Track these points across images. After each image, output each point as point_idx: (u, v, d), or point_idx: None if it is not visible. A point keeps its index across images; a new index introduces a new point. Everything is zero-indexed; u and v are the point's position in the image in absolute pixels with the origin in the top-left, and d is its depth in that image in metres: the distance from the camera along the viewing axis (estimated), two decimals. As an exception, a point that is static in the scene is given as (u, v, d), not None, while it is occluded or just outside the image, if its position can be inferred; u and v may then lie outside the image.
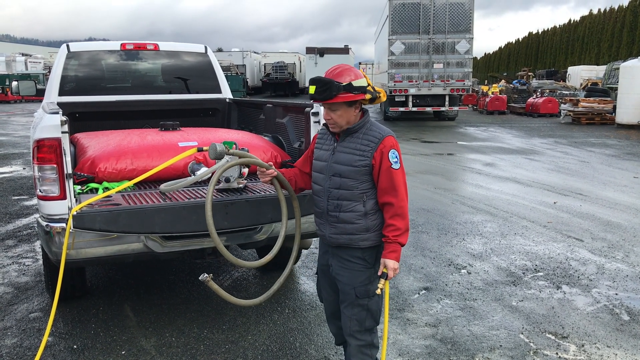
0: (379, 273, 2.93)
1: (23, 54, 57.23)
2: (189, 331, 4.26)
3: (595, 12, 74.22)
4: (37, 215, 3.88)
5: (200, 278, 3.08)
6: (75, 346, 4.02)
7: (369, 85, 2.91)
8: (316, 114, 4.27)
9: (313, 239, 4.61)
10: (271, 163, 3.35)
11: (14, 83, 7.03)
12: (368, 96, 2.91)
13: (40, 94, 6.75)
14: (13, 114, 28.78)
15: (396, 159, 2.92)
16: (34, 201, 8.22)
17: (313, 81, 2.92)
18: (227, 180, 4.04)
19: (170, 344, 4.06)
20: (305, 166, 3.29)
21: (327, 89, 2.85)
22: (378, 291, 2.90)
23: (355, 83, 2.86)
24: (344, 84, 2.84)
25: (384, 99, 3.02)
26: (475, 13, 21.00)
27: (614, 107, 22.34)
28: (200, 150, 4.01)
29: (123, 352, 3.94)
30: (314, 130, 4.23)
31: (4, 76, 42.20)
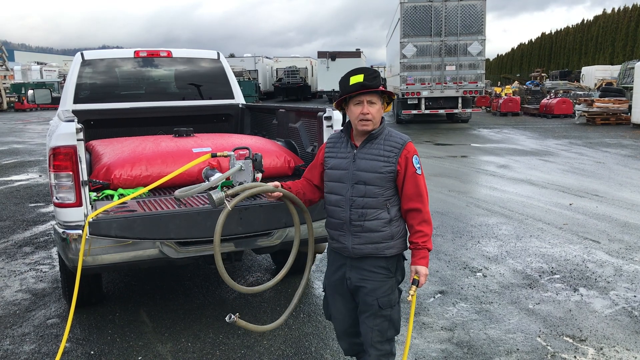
0: (410, 280, 2.91)
1: (38, 63, 57.95)
2: (205, 336, 4.27)
3: (609, 11, 73.59)
4: (53, 222, 3.92)
5: (227, 320, 3.02)
6: (92, 352, 4.05)
7: None
8: (329, 118, 4.27)
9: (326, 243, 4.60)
10: (277, 183, 3.19)
11: (30, 91, 7.11)
12: (394, 96, 2.93)
13: (55, 102, 6.82)
14: (29, 122, 29.13)
15: (419, 165, 2.93)
16: (50, 208, 8.30)
17: (359, 70, 2.89)
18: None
19: (186, 349, 4.07)
20: (313, 178, 3.21)
21: (377, 77, 2.86)
22: (409, 297, 2.88)
23: None
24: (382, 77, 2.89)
25: (391, 106, 3.05)
26: (489, 14, 20.99)
27: (630, 107, 22.10)
28: (214, 156, 4.03)
29: (140, 358, 3.96)
30: (327, 134, 4.23)
31: (19, 85, 42.78)
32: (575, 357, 3.89)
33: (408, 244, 2.98)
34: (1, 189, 10.52)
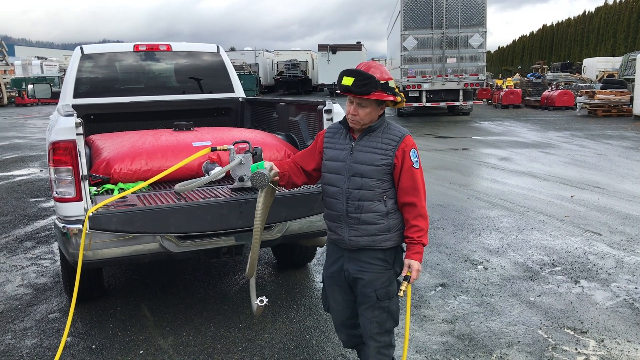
0: (403, 274, 2.88)
1: (39, 57, 57.88)
2: (206, 330, 4.28)
3: (610, 2, 73.31)
4: (54, 217, 3.92)
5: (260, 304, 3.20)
6: (93, 346, 4.06)
7: (395, 87, 2.87)
8: (329, 111, 4.25)
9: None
10: (271, 163, 3.13)
11: (30, 86, 7.10)
12: (398, 99, 2.86)
13: (55, 97, 6.81)
14: (30, 116, 29.13)
15: (416, 159, 2.90)
16: (51, 203, 8.30)
17: (351, 72, 2.79)
18: (241, 179, 4.05)
19: (188, 343, 4.08)
20: (307, 163, 3.15)
21: (367, 84, 2.75)
22: (401, 293, 2.84)
23: (390, 83, 2.81)
24: (382, 81, 2.77)
25: (404, 103, 2.98)
26: (491, 7, 21.22)
27: (631, 99, 22.03)
28: (214, 149, 4.03)
29: (141, 352, 3.96)
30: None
31: (20, 79, 42.75)
32: (576, 349, 3.89)
33: (405, 236, 2.95)
34: (2, 184, 10.53)
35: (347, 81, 2.77)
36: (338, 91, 2.92)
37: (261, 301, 3.17)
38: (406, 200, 2.88)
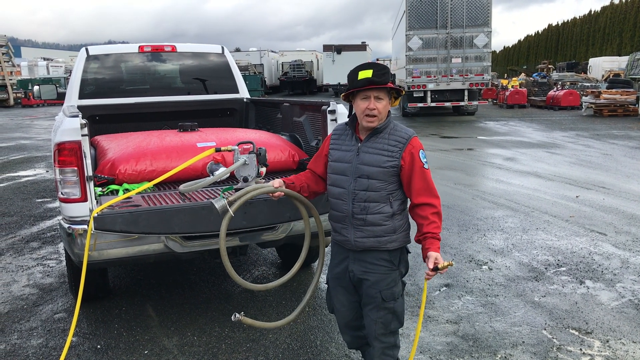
0: (431, 267, 2.77)
1: (45, 58, 58.08)
2: (211, 330, 4.29)
3: (616, 1, 73.00)
4: (60, 218, 3.94)
5: (232, 319, 3.04)
6: (99, 346, 4.08)
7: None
8: (333, 111, 4.26)
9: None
10: (280, 180, 3.19)
11: (36, 87, 7.14)
12: (402, 92, 2.92)
13: (61, 98, 6.84)
14: (36, 117, 29.23)
15: (426, 159, 2.92)
16: (57, 203, 8.34)
17: (367, 65, 2.85)
18: (245, 179, 4.05)
19: (192, 343, 4.09)
20: (318, 168, 3.20)
21: (386, 73, 2.83)
22: (445, 268, 2.76)
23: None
24: (391, 73, 2.86)
25: (398, 101, 3.02)
26: (497, 6, 21.47)
27: (637, 98, 21.99)
28: (218, 150, 4.04)
29: (146, 352, 3.98)
30: (331, 128, 4.23)
31: (26, 80, 42.86)
32: (581, 349, 3.88)
33: (422, 234, 2.89)
34: (9, 184, 10.59)
35: (367, 73, 2.81)
36: (351, 90, 2.91)
37: (234, 316, 3.08)
38: (422, 200, 2.88)
